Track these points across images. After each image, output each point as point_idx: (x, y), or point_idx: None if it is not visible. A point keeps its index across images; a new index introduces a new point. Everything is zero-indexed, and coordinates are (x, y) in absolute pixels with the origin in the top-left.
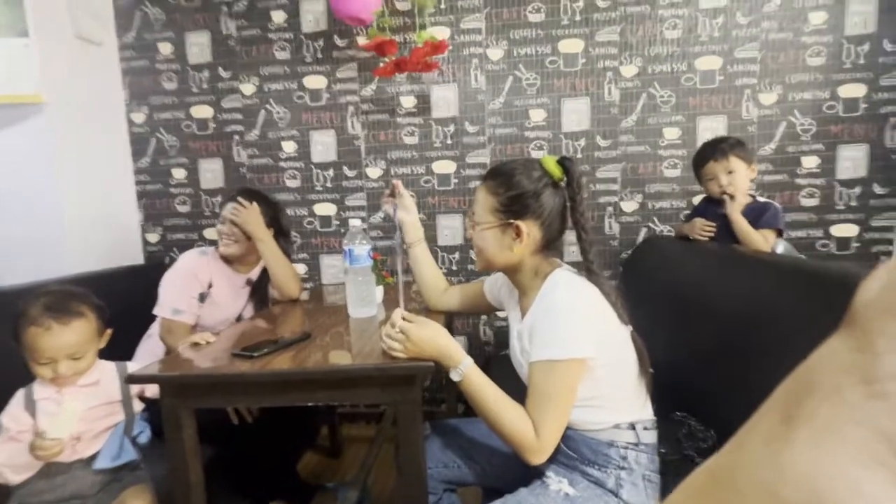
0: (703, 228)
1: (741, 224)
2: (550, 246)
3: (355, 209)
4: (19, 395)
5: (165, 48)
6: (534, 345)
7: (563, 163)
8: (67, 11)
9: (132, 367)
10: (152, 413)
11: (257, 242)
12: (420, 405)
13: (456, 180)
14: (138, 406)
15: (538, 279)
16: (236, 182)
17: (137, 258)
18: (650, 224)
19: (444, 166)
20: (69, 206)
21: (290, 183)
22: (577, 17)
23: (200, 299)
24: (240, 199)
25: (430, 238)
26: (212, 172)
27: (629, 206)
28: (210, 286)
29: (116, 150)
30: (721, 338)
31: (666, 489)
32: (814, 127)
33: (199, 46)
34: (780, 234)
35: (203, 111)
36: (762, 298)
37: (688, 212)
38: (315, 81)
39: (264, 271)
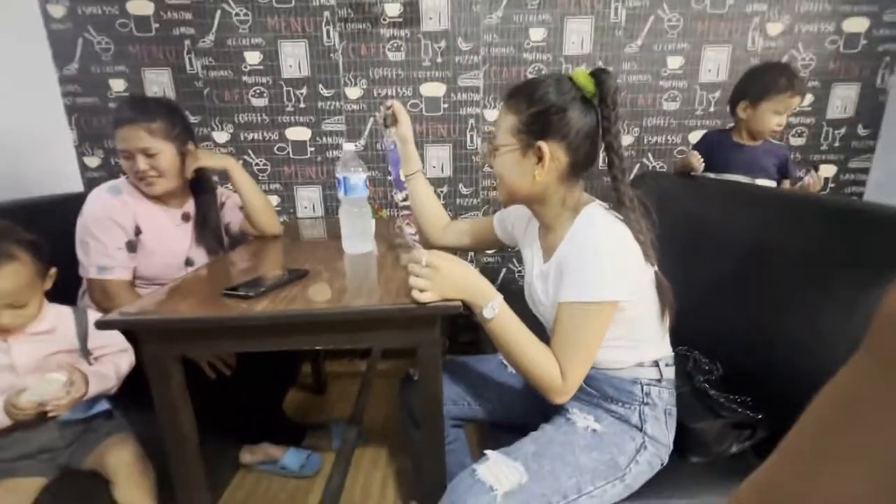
0: (699, 160)
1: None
2: (579, 173)
3: (333, 134)
4: None
5: None
6: (564, 285)
7: (598, 75)
8: None
9: (92, 314)
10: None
11: (232, 171)
12: (440, 345)
13: (445, 105)
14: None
15: (566, 212)
16: (191, 98)
17: (76, 185)
18: (644, 160)
19: (433, 89)
20: None
21: (257, 102)
22: None
23: (130, 248)
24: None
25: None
26: (158, 84)
27: (625, 140)
28: (138, 232)
29: (31, 52)
30: (719, 272)
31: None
32: (814, 62)
33: None
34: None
35: (142, 7)
36: (759, 232)
37: (682, 148)
38: None
39: (202, 200)
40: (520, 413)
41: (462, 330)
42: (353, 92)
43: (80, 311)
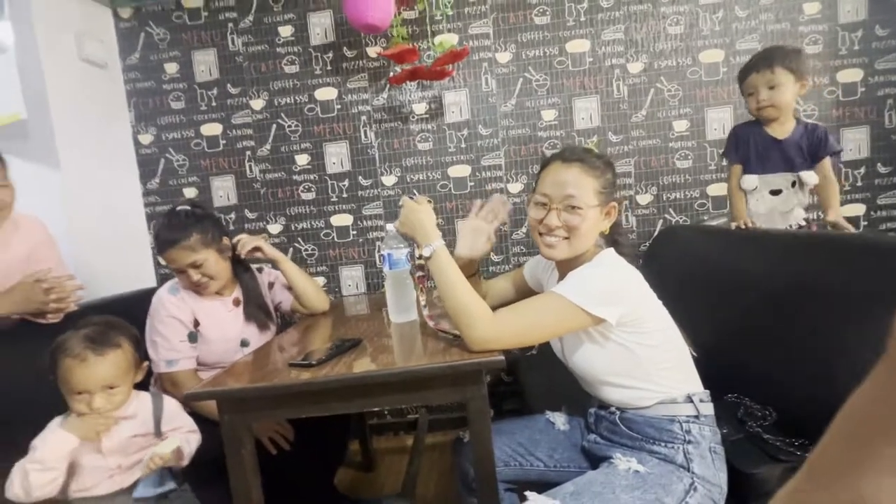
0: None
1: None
2: None
3: (372, 218)
4: (56, 421)
5: (171, 67)
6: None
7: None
8: (73, 35)
9: (167, 400)
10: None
11: (281, 264)
12: (488, 401)
13: (472, 183)
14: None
15: (586, 260)
16: (250, 197)
17: (150, 281)
18: (666, 216)
19: (460, 170)
20: (78, 230)
21: (305, 196)
22: (582, 18)
23: (191, 339)
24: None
25: (451, 243)
26: (223, 190)
27: (644, 199)
28: (196, 324)
29: (124, 171)
30: (758, 318)
31: (731, 465)
32: (817, 111)
33: (205, 64)
34: (836, 154)
35: (213, 129)
36: (794, 274)
37: (702, 201)
38: (325, 93)
39: (246, 282)
40: (573, 472)
41: (506, 397)
42: (389, 180)
43: (157, 396)
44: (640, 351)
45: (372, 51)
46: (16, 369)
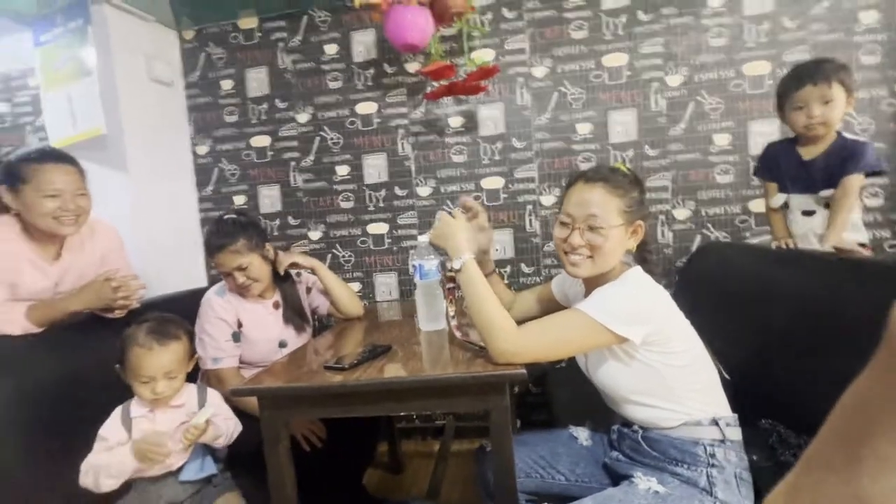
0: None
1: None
2: None
3: (407, 227)
4: (118, 412)
5: (227, 84)
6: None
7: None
8: (143, 57)
9: (211, 392)
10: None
11: (318, 270)
12: (510, 412)
13: (505, 195)
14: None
15: (612, 277)
16: (293, 205)
17: (202, 281)
18: (705, 231)
19: (493, 182)
20: (142, 233)
21: (344, 204)
22: (620, 32)
23: (235, 339)
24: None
25: None
26: (269, 198)
27: (682, 213)
28: (240, 325)
29: (182, 180)
30: (792, 341)
31: (761, 494)
32: (873, 125)
33: (257, 81)
34: (877, 174)
35: (262, 141)
36: (830, 299)
37: (744, 217)
38: (366, 107)
39: (285, 288)
40: (595, 487)
41: (534, 408)
42: (424, 191)
43: (202, 388)
44: (665, 371)
45: (410, 67)
46: (85, 358)
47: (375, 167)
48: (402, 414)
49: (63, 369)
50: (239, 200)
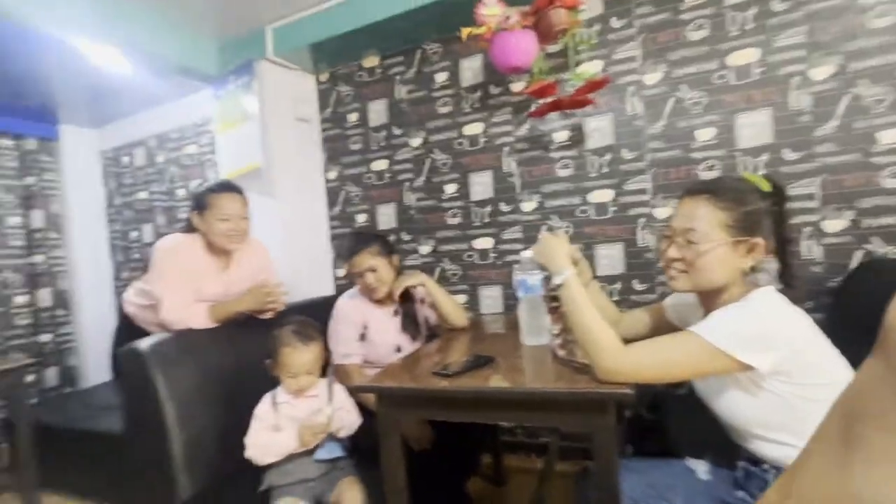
0: None
1: None
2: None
3: (511, 242)
4: (268, 397)
5: (352, 116)
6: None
7: (771, 177)
8: (289, 101)
9: (337, 386)
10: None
11: (426, 285)
12: (617, 435)
13: (614, 208)
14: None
15: (734, 298)
16: (406, 222)
17: (328, 289)
18: (868, 246)
19: (601, 195)
20: (287, 247)
21: (452, 220)
22: (749, 26)
23: (361, 339)
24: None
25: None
26: (386, 215)
27: (834, 225)
28: (366, 326)
29: (315, 202)
30: None
31: None
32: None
33: (377, 112)
34: None
35: (380, 165)
36: None
37: None
38: (473, 128)
39: (405, 301)
40: None
41: (647, 435)
42: (528, 206)
43: (331, 382)
44: (800, 404)
45: (515, 87)
46: (246, 349)
47: (481, 184)
48: (505, 426)
49: (232, 357)
50: (361, 219)
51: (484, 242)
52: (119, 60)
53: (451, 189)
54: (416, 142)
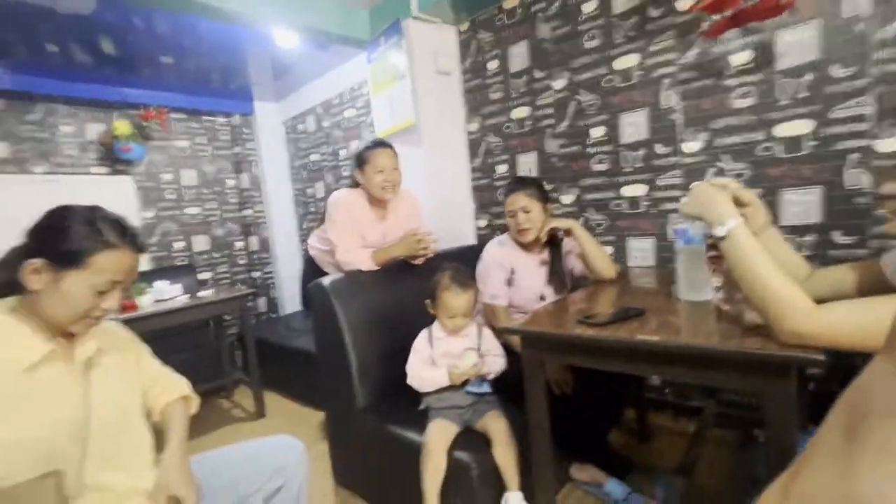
0: None
1: None
2: None
3: (667, 189)
4: (425, 332)
5: (492, 65)
6: None
7: None
8: (431, 55)
9: (485, 329)
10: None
11: (574, 230)
12: (796, 405)
13: (813, 143)
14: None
15: None
16: (547, 171)
17: (470, 239)
18: None
19: (794, 128)
20: (432, 198)
21: (597, 167)
22: None
23: (508, 284)
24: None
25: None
26: (527, 164)
27: None
28: (513, 272)
29: (458, 154)
30: None
31: None
32: None
33: (518, 56)
34: None
35: (521, 112)
36: None
37: None
38: (625, 62)
39: (553, 251)
40: None
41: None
42: (692, 146)
43: (479, 324)
44: None
45: (681, 4)
46: (401, 290)
47: (634, 125)
48: (653, 383)
49: (390, 295)
50: (501, 169)
51: (634, 189)
52: (293, 38)
53: (597, 133)
54: (559, 84)
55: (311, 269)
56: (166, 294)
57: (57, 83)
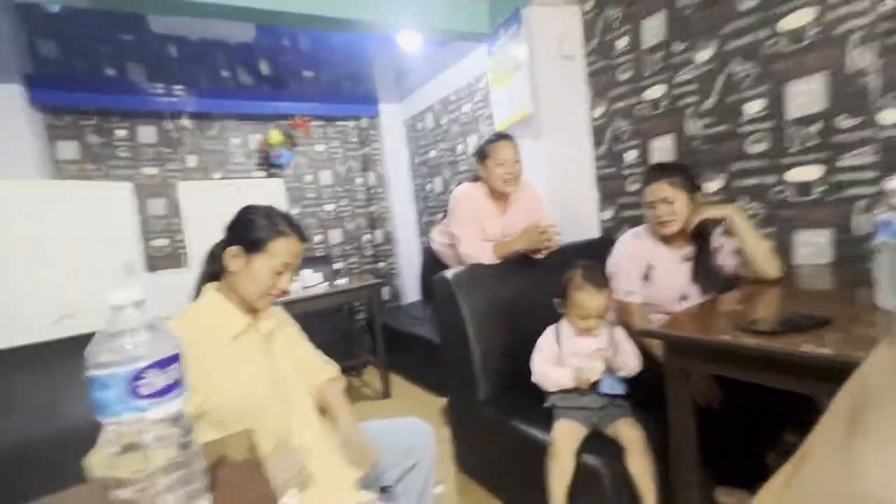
0: None
1: None
2: None
3: (854, 170)
4: (551, 330)
5: (621, 43)
6: None
7: None
8: (553, 40)
9: (618, 329)
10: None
11: (733, 219)
12: None
13: None
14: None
15: None
16: (686, 156)
17: (593, 232)
18: None
19: None
20: (554, 189)
21: (753, 148)
22: None
23: (644, 279)
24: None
25: None
26: (661, 150)
27: None
28: (650, 267)
29: (581, 142)
30: None
31: None
32: None
33: (653, 29)
34: None
35: (656, 92)
36: None
37: None
38: (797, 19)
39: (701, 245)
40: None
41: None
42: (891, 116)
43: (610, 322)
44: None
45: None
46: (522, 284)
47: (807, 94)
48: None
49: (511, 289)
50: (630, 156)
51: (804, 173)
52: (416, 40)
53: (754, 107)
54: (703, 55)
55: (431, 261)
56: (311, 281)
57: (228, 102)
